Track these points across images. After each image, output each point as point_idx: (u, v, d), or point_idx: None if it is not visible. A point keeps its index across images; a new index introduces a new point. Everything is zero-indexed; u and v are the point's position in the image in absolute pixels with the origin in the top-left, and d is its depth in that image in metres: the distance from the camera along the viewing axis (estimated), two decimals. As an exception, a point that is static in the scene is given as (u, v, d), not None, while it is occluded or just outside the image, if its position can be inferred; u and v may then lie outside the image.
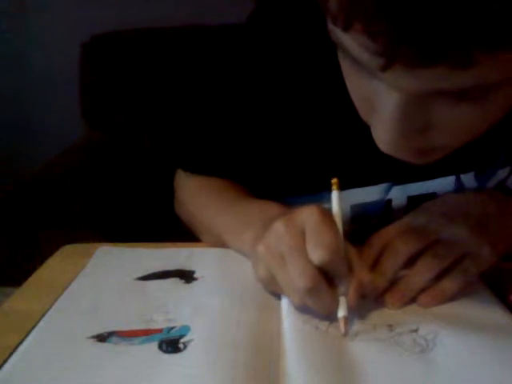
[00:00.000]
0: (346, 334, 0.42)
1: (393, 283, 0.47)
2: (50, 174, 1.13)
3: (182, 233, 0.66)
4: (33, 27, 1.53)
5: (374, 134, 0.40)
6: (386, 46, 0.31)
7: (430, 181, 0.58)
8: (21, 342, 0.42)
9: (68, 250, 0.60)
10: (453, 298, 0.46)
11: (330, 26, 0.36)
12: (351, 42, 0.34)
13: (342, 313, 0.42)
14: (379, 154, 0.43)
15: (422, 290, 0.46)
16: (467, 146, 0.41)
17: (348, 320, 0.42)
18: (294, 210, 0.46)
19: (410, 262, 0.47)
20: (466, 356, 0.40)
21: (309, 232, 0.43)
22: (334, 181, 0.46)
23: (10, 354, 0.40)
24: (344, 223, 0.46)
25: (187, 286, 0.51)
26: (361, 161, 0.57)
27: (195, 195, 0.65)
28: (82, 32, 1.32)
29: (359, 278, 0.43)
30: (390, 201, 0.59)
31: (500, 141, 0.56)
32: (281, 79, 0.56)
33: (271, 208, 0.52)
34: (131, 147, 1.32)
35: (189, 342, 0.42)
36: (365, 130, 0.43)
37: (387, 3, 0.29)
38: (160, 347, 0.41)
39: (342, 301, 0.43)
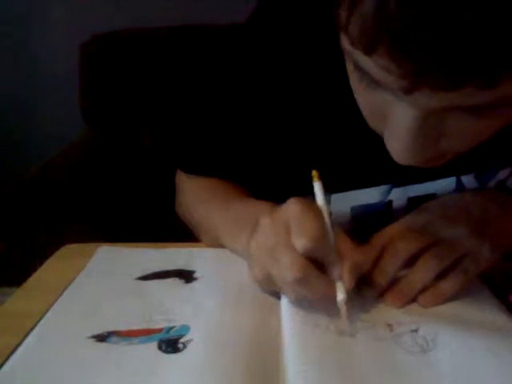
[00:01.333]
0: (348, 317, 0.42)
1: (393, 283, 0.47)
2: (50, 173, 1.13)
3: (182, 233, 0.66)
4: (33, 27, 1.53)
5: (387, 143, 0.39)
6: (412, 71, 0.31)
7: (431, 182, 0.58)
8: (21, 342, 0.42)
9: (68, 249, 0.60)
10: (453, 297, 0.46)
11: (346, 46, 0.35)
12: (371, 64, 0.34)
13: (340, 296, 0.42)
14: (379, 156, 0.43)
15: (423, 290, 0.46)
16: None
17: (348, 304, 0.42)
18: (278, 206, 0.46)
19: (411, 262, 0.47)
20: (466, 356, 0.40)
21: (292, 223, 0.43)
22: (314, 173, 0.46)
23: (10, 354, 0.40)
24: (344, 224, 0.46)
25: (187, 285, 0.51)
26: (361, 162, 0.56)
27: (195, 196, 0.65)
28: (82, 32, 1.32)
29: (351, 259, 0.43)
30: (390, 202, 0.59)
31: (500, 142, 0.56)
32: (280, 80, 0.56)
33: (270, 209, 0.52)
34: (131, 147, 1.32)
35: (188, 342, 0.42)
36: (365, 132, 0.43)
37: (415, 30, 0.29)
38: (159, 347, 0.41)
39: (339, 285, 0.43)
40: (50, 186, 1.07)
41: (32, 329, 0.44)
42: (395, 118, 0.37)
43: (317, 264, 0.43)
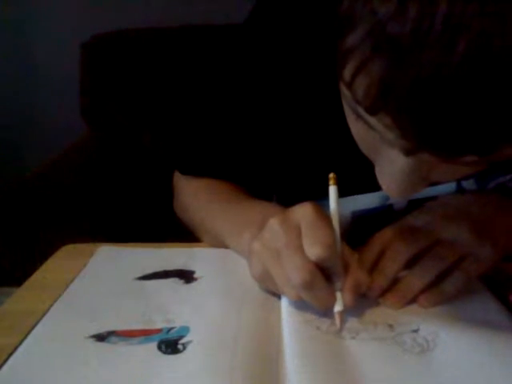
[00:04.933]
0: (341, 328, 0.42)
1: (393, 283, 0.47)
2: (50, 173, 1.13)
3: (182, 233, 0.66)
4: (33, 27, 1.53)
5: (377, 176, 0.40)
6: (415, 139, 0.32)
7: (432, 187, 0.58)
8: (21, 342, 0.42)
9: (68, 249, 0.60)
10: (453, 298, 0.46)
11: (346, 94, 0.35)
12: (372, 118, 0.33)
13: (338, 308, 0.43)
14: None
15: (423, 291, 0.46)
16: None
17: (344, 316, 0.43)
18: (290, 208, 0.46)
19: (411, 263, 0.47)
20: (466, 356, 0.40)
21: (304, 228, 0.43)
22: (332, 175, 0.46)
23: (10, 354, 0.40)
24: (344, 227, 0.46)
25: (187, 286, 0.51)
26: (361, 167, 0.56)
27: (194, 196, 0.65)
28: (82, 32, 1.32)
29: (354, 278, 0.43)
30: (391, 206, 0.59)
31: None
32: (280, 81, 0.56)
33: (270, 209, 0.52)
34: (131, 147, 1.32)
35: (188, 343, 0.42)
36: None
37: (421, 102, 0.29)
38: (159, 348, 0.41)
39: (339, 296, 0.43)
40: (51, 186, 1.07)
41: (32, 329, 0.44)
42: (388, 158, 0.37)
43: (321, 271, 0.43)
